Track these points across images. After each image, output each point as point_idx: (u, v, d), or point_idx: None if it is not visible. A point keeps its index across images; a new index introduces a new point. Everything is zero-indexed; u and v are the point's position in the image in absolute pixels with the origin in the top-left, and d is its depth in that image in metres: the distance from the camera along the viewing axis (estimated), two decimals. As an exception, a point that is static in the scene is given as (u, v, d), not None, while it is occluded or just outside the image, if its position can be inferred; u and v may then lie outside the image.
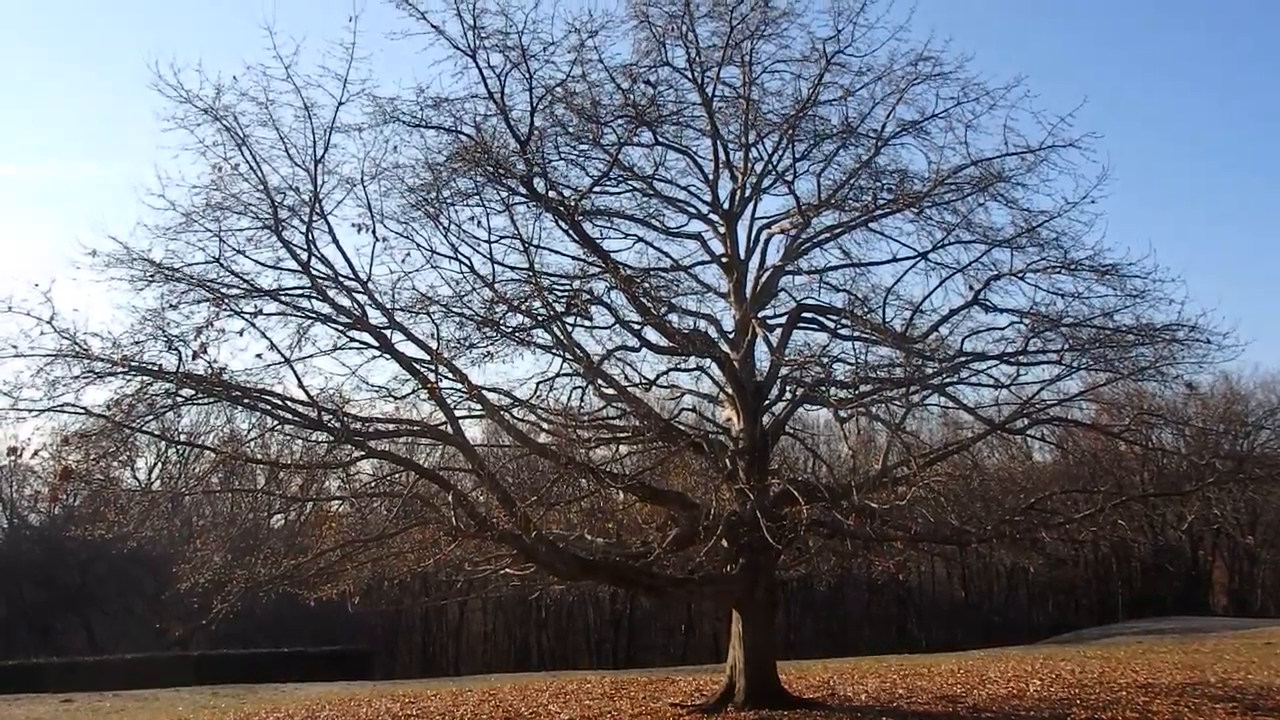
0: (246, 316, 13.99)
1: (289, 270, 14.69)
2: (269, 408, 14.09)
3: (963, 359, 17.20)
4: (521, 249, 16.54)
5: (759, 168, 18.74)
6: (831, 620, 57.23)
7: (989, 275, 17.39)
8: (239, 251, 14.49)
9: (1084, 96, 47.81)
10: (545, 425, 17.37)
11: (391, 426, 15.20)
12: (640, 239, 19.04)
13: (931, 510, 15.76)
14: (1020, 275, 17.26)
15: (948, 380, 17.31)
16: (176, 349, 13.32)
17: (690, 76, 17.84)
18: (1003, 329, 17.40)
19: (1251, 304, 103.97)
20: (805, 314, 18.32)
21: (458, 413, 15.38)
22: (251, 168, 14.34)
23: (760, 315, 17.88)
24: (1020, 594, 63.07)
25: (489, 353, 16.28)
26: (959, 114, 17.35)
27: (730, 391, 17.97)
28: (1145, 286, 16.66)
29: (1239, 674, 21.14)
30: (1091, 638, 39.72)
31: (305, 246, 14.51)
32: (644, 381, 17.95)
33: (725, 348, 17.82)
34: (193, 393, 13.39)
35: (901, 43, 17.57)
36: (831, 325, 18.14)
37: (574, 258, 17.94)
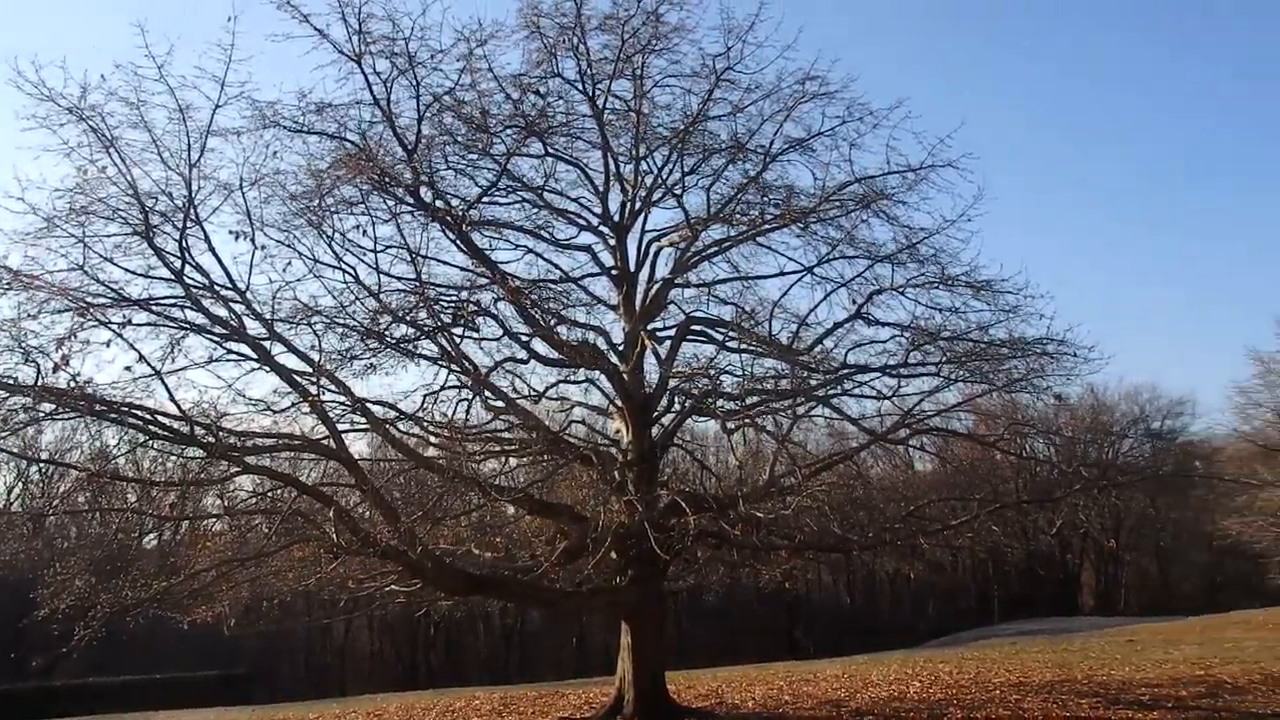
0: (113, 327, 13.22)
1: (161, 279, 14.10)
2: (139, 423, 13.47)
3: (846, 371, 17.58)
4: (408, 259, 16.24)
5: (649, 181, 18.84)
6: (721, 629, 57.68)
7: (871, 290, 17.83)
8: (106, 259, 13.78)
9: (961, 119, 49.53)
10: (432, 439, 17.08)
11: (271, 441, 14.69)
12: (530, 250, 18.94)
13: (816, 519, 16.02)
14: (901, 290, 17.73)
15: (832, 392, 17.68)
16: (35, 361, 12.61)
17: (581, 88, 17.82)
18: (884, 342, 17.86)
19: (1117, 319, 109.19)
20: (694, 326, 18.48)
21: (341, 426, 15.01)
22: (121, 171, 13.70)
23: (650, 328, 17.97)
24: (903, 599, 64.77)
25: (373, 364, 15.98)
26: (844, 132, 17.75)
27: (620, 404, 17.99)
28: (1017, 302, 17.30)
29: (1103, 670, 22.10)
30: (969, 640, 40.99)
31: (179, 254, 13.95)
32: (533, 394, 17.82)
33: (615, 360, 17.83)
34: (54, 407, 12.71)
35: (789, 61, 17.87)
36: (719, 338, 18.35)
37: (462, 268, 17.74)
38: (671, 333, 18.42)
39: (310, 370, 14.51)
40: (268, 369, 14.41)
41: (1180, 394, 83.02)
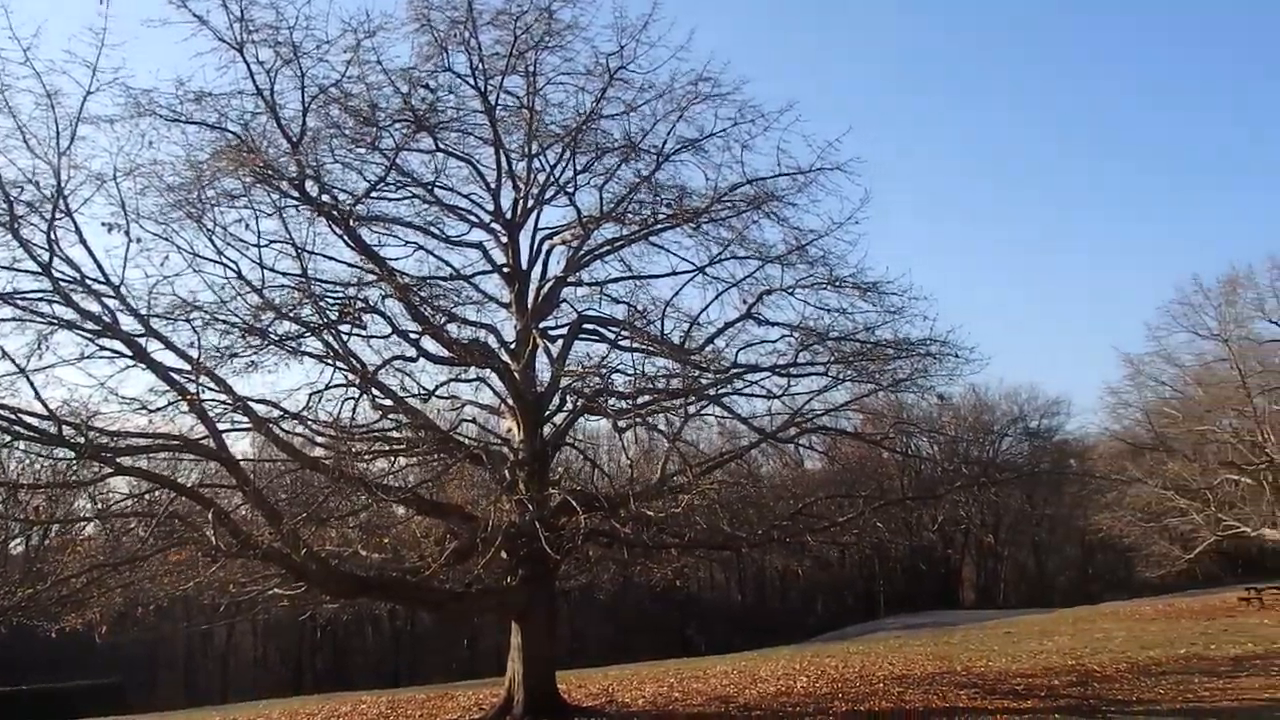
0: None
1: (26, 271, 13.44)
2: (3, 422, 12.82)
3: (737, 370, 17.80)
4: (293, 254, 15.76)
5: (542, 178, 18.76)
6: (614, 628, 57.90)
7: (762, 290, 18.14)
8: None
9: (849, 124, 50.58)
10: (318, 438, 16.67)
11: (146, 442, 14.14)
12: (420, 247, 18.61)
13: (706, 517, 16.16)
14: (790, 291, 18.07)
15: (723, 391, 17.88)
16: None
17: (473, 83, 17.62)
18: (774, 342, 18.18)
19: (999, 321, 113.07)
20: (586, 325, 18.48)
21: (221, 426, 14.51)
22: (-19, 157, 13.04)
23: (541, 326, 17.91)
24: (792, 596, 65.97)
25: (255, 362, 15.50)
26: (736, 134, 17.98)
27: (511, 402, 17.87)
28: (902, 304, 17.80)
29: (982, 662, 22.88)
30: (856, 634, 42.02)
31: (46, 246, 13.33)
32: (422, 392, 17.50)
33: (506, 358, 17.71)
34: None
35: (683, 62, 18.08)
36: (612, 336, 18.37)
37: (349, 264, 17.31)
38: (564, 331, 18.38)
39: (189, 368, 14.02)
40: (143, 366, 13.89)
41: (1057, 394, 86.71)
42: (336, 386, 15.93)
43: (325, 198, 15.92)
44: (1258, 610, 32.92)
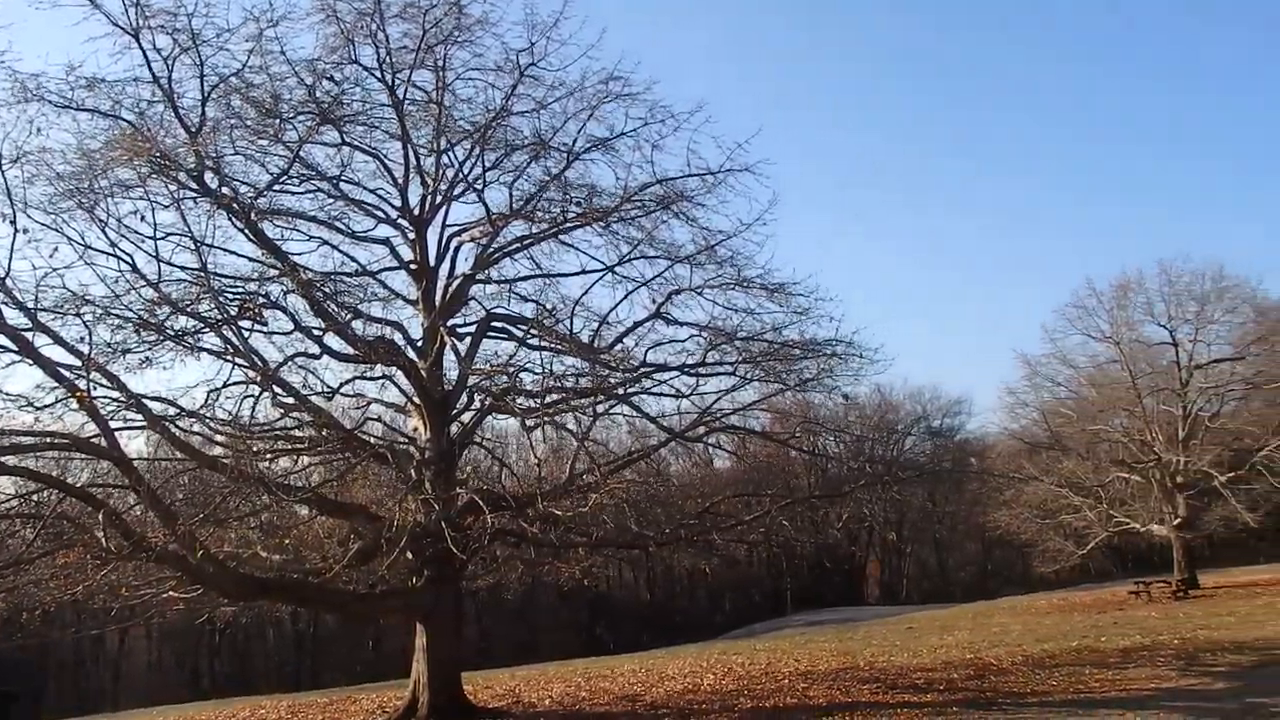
0: None
1: (-98, 261, 12.80)
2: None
3: (646, 370, 17.84)
4: (192, 247, 15.22)
5: (450, 175, 18.59)
6: (523, 628, 57.58)
7: (671, 290, 18.21)
8: None
9: (759, 126, 51.18)
10: (217, 437, 16.21)
11: (32, 440, 13.59)
12: (325, 242, 18.27)
13: (614, 516, 16.16)
14: (699, 291, 18.18)
15: (632, 390, 17.90)
16: None
17: (380, 77, 17.35)
18: (683, 341, 18.28)
19: (901, 321, 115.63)
20: (494, 323, 18.35)
21: (113, 424, 14.04)
22: None
23: (449, 324, 17.73)
24: (700, 594, 66.40)
25: (149, 358, 14.98)
26: (646, 134, 18.02)
27: (418, 401, 17.65)
28: (809, 305, 18.04)
29: (884, 657, 23.34)
30: (763, 632, 42.50)
31: (-76, 235, 12.73)
32: (326, 390, 17.16)
33: (413, 356, 17.48)
34: None
35: (594, 61, 18.00)
36: (520, 335, 18.26)
37: (251, 259, 16.87)
38: (472, 329, 18.23)
39: (79, 364, 13.51)
40: (30, 362, 13.34)
41: (959, 394, 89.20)
42: (236, 384, 15.54)
43: (225, 190, 15.47)
44: (1146, 604, 34.18)
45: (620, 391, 17.56)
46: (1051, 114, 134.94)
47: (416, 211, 18.56)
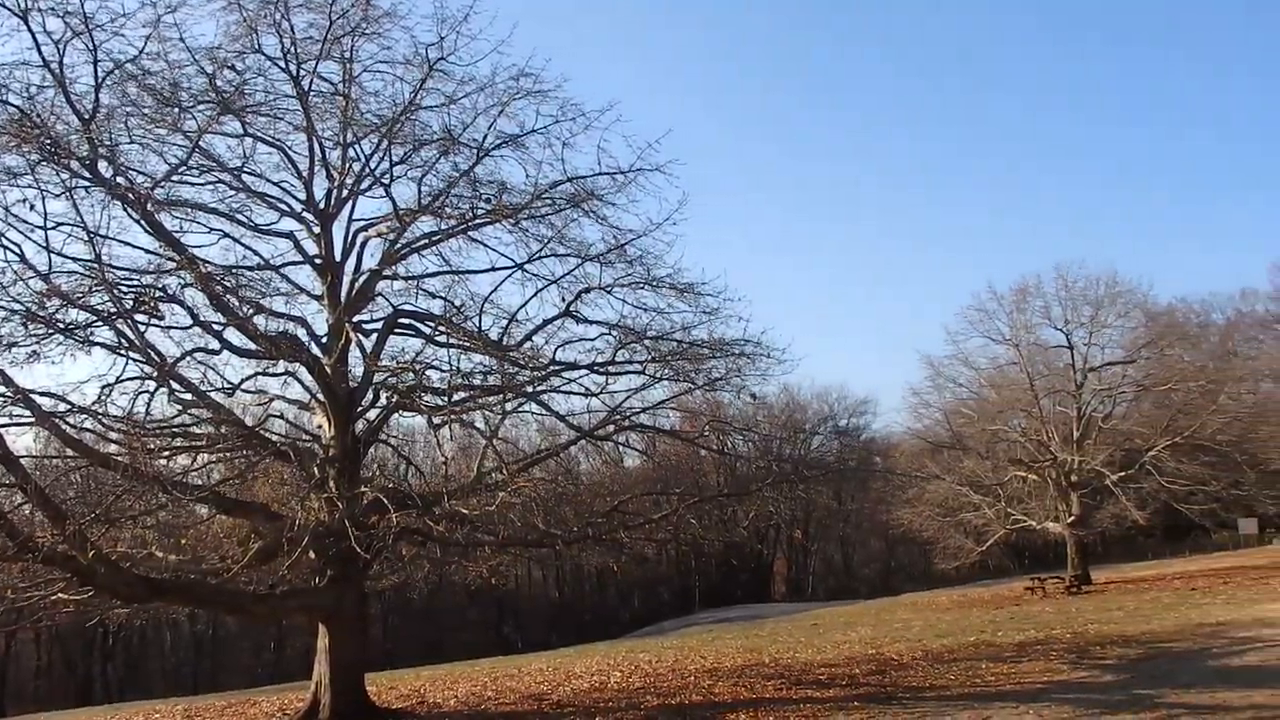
0: None
1: None
2: None
3: (556, 368, 17.77)
4: (85, 238, 14.72)
5: (357, 169, 18.22)
6: (430, 627, 57.00)
7: (581, 288, 18.13)
8: None
9: (669, 127, 51.36)
10: (111, 433, 15.66)
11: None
12: (226, 234, 17.72)
13: (521, 515, 16.07)
14: (609, 289, 18.16)
15: (541, 389, 17.81)
16: None
17: (284, 68, 16.95)
18: (593, 340, 18.23)
19: (812, 323, 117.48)
20: (402, 320, 18.08)
21: (-2, 420, 13.47)
22: None
23: (355, 320, 17.38)
24: (609, 592, 66.61)
25: (37, 352, 14.36)
26: (557, 131, 17.84)
27: (322, 398, 17.30)
28: (717, 305, 18.18)
29: (789, 653, 23.70)
30: (671, 629, 42.83)
31: None
32: (226, 386, 16.73)
33: (317, 352, 17.12)
34: None
35: (504, 57, 17.85)
36: (428, 332, 18.00)
37: (148, 251, 16.30)
38: (378, 326, 17.93)
39: (-39, 357, 12.94)
40: (-93, 355, 12.72)
41: (865, 394, 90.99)
42: (131, 379, 14.98)
43: (121, 180, 14.94)
44: (1040, 599, 35.35)
45: (529, 389, 17.45)
46: (939, 130, 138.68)
47: (322, 205, 18.18)
